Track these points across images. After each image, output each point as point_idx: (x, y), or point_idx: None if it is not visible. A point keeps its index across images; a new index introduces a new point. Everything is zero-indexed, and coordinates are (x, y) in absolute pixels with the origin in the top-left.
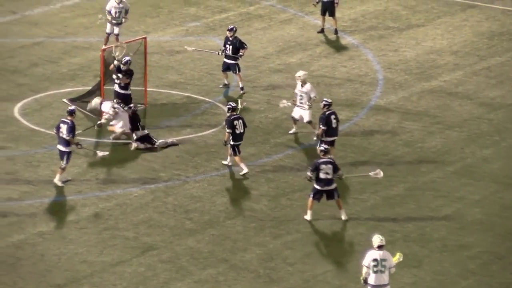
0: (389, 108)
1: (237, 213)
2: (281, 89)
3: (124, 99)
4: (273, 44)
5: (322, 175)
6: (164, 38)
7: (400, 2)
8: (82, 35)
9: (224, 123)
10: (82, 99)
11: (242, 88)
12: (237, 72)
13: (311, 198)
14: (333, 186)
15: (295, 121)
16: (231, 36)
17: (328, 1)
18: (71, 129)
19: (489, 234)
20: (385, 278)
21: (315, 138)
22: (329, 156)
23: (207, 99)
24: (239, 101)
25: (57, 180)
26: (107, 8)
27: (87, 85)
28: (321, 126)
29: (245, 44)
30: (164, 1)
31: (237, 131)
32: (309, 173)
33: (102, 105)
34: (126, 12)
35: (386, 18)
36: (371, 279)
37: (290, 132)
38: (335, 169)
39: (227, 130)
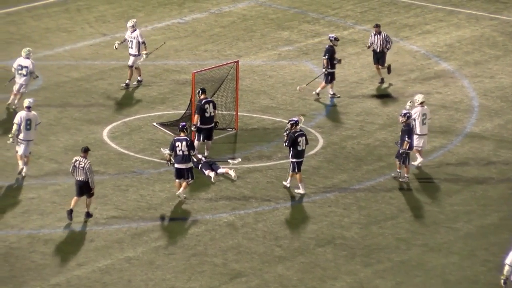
0: (484, 135)
1: (327, 241)
2: (374, 115)
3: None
4: (366, 69)
5: None
6: (256, 62)
7: (497, 28)
8: (173, 58)
9: (285, 139)
10: (172, 124)
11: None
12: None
13: None
14: None
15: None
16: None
17: (380, 51)
18: (192, 145)
19: None
20: None
21: (416, 163)
22: None
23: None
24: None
25: (181, 193)
26: (126, 36)
27: (177, 109)
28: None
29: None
30: (256, 25)
31: (299, 148)
32: None
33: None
34: (142, 44)
35: (482, 44)
36: None
37: (415, 163)
38: None
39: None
